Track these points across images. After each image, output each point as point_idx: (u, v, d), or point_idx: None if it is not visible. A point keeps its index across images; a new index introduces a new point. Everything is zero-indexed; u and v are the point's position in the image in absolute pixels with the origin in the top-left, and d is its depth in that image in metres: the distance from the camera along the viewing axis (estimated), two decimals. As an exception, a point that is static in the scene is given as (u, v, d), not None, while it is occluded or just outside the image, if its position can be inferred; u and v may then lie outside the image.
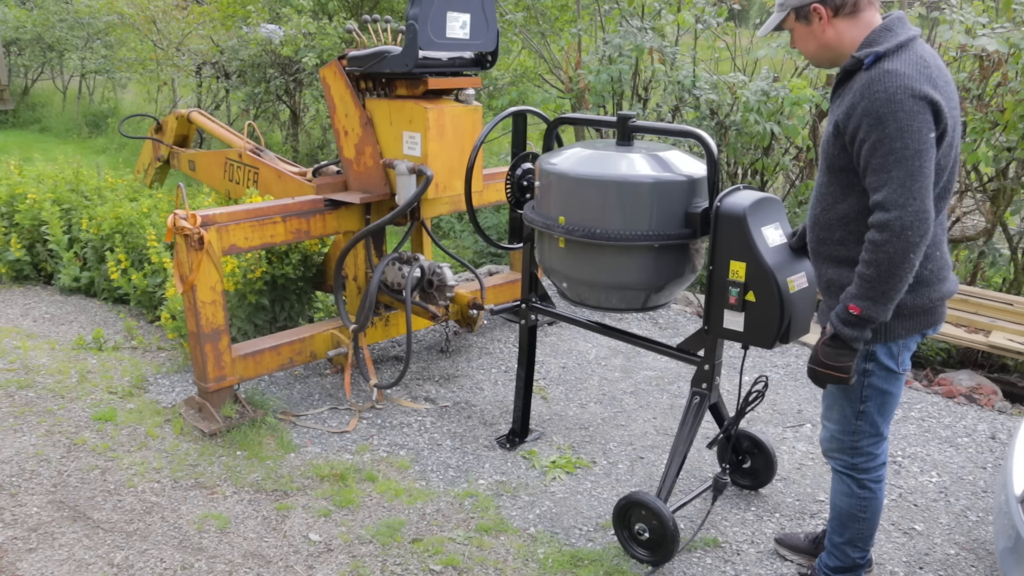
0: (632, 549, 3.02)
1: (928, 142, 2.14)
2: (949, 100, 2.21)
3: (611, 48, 6.30)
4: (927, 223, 2.16)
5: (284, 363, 4.07)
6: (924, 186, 2.15)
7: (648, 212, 2.89)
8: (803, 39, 2.43)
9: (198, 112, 5.87)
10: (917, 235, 2.16)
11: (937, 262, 2.39)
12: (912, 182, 2.14)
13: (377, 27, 4.45)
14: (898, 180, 2.14)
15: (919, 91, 2.14)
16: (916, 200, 2.14)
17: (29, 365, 4.40)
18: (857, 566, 2.72)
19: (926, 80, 2.16)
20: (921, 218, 2.15)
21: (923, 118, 2.13)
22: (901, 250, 2.17)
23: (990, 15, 5.42)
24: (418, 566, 2.96)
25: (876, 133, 2.16)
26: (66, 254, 5.47)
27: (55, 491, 3.34)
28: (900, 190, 2.15)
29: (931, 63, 2.22)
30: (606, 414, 4.12)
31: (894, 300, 2.25)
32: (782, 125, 5.72)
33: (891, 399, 2.51)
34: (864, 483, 2.60)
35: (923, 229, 2.16)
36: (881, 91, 2.16)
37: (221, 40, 10.51)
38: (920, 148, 2.13)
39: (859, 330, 2.29)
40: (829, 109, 2.46)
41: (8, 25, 12.66)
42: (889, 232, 2.17)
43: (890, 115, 2.14)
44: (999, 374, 5.12)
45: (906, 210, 2.15)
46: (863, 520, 2.63)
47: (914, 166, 2.13)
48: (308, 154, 9.82)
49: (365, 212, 4.26)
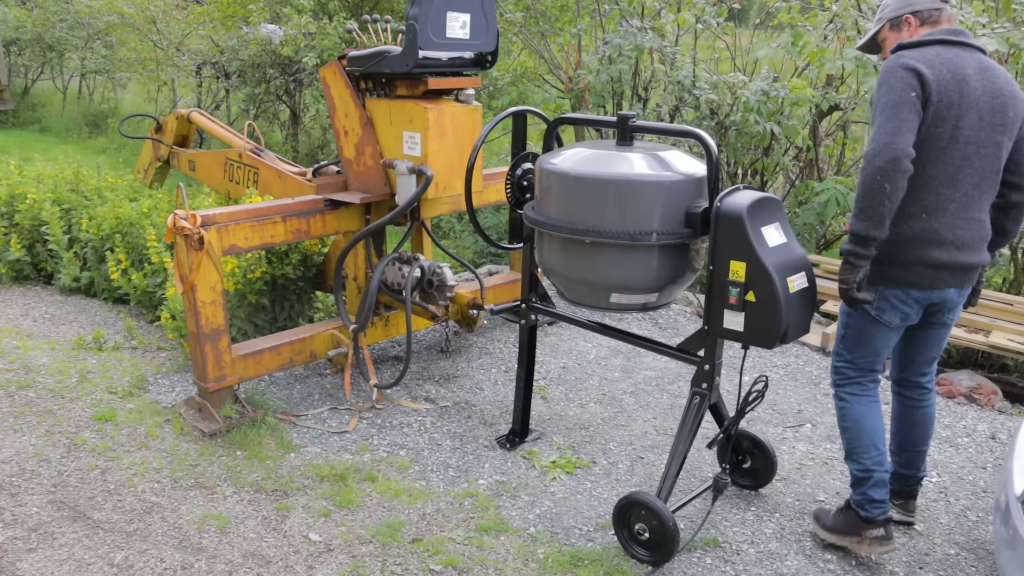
0: (632, 549, 3.02)
1: (906, 96, 2.58)
2: (943, 80, 2.61)
3: (611, 48, 6.30)
4: (890, 151, 2.54)
5: (284, 363, 4.07)
6: (895, 128, 2.56)
7: (648, 212, 2.89)
8: (894, 43, 2.83)
9: (198, 112, 5.87)
10: (881, 160, 2.55)
11: (923, 224, 2.71)
12: (887, 123, 2.57)
13: (377, 27, 4.45)
14: (878, 123, 2.60)
15: (908, 64, 2.61)
16: (885, 135, 2.56)
17: (29, 365, 4.40)
18: (858, 480, 2.97)
19: (922, 61, 2.62)
20: (887, 148, 2.54)
21: (906, 81, 2.60)
22: (870, 174, 2.57)
23: (990, 15, 5.42)
24: (418, 566, 2.96)
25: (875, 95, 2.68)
26: (66, 254, 5.47)
27: (55, 491, 3.34)
28: (877, 130, 2.59)
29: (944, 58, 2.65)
30: (606, 414, 4.12)
31: (872, 219, 2.60)
32: (782, 125, 5.72)
33: (867, 339, 2.90)
34: (839, 394, 3.03)
35: (886, 155, 2.54)
36: (884, 70, 2.67)
37: (221, 40, 10.52)
38: (898, 100, 2.58)
39: (852, 245, 2.67)
40: None
41: (8, 25, 12.66)
42: (866, 160, 2.60)
43: (883, 81, 2.64)
44: (999, 374, 5.12)
45: (877, 142, 2.57)
46: (847, 430, 2.99)
47: (890, 112, 2.58)
48: (308, 154, 9.82)
49: (365, 212, 4.26)
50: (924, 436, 3.11)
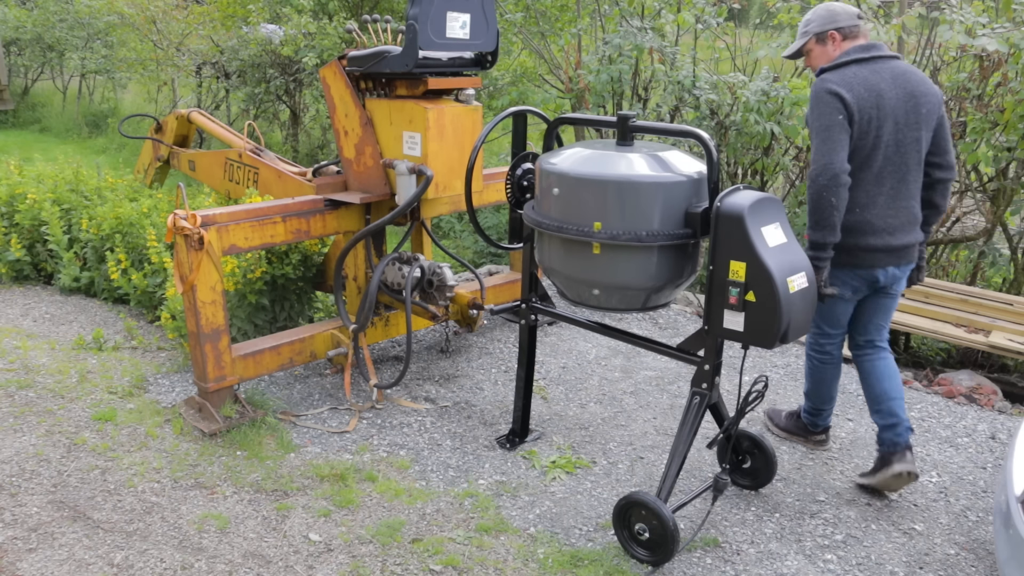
0: (632, 549, 3.02)
1: (835, 119, 3.03)
2: (862, 100, 3.05)
3: (611, 48, 6.30)
4: (830, 171, 3.02)
5: (284, 363, 4.07)
6: (831, 148, 3.03)
7: (648, 212, 2.89)
8: (818, 58, 3.27)
9: (198, 112, 5.87)
10: (824, 179, 3.03)
11: (858, 216, 3.18)
12: (823, 145, 3.04)
13: (377, 27, 4.45)
14: (816, 145, 3.07)
15: (832, 90, 3.06)
16: (823, 156, 3.04)
17: (29, 365, 4.40)
18: (812, 411, 3.76)
19: (843, 85, 3.06)
20: (827, 168, 3.02)
21: (833, 105, 3.04)
22: (817, 191, 3.05)
23: (990, 15, 5.42)
24: (418, 566, 2.96)
25: (808, 116, 3.15)
26: (66, 254, 5.47)
27: (55, 491, 3.34)
28: (816, 151, 3.06)
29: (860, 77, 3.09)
30: (606, 414, 4.12)
31: (825, 228, 3.08)
32: (782, 125, 5.72)
33: (826, 310, 3.42)
34: (809, 354, 3.65)
35: (827, 175, 3.02)
36: (812, 94, 3.12)
37: (221, 40, 10.51)
38: (828, 123, 3.04)
39: (813, 251, 3.13)
40: None
41: (8, 25, 12.66)
42: (810, 179, 3.08)
43: (814, 106, 3.09)
44: (999, 374, 5.12)
45: (818, 164, 3.05)
46: (812, 380, 3.66)
47: (824, 135, 3.04)
48: (308, 154, 9.81)
49: (365, 212, 4.26)
50: (894, 385, 3.42)
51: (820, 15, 3.25)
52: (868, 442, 3.90)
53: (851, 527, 3.26)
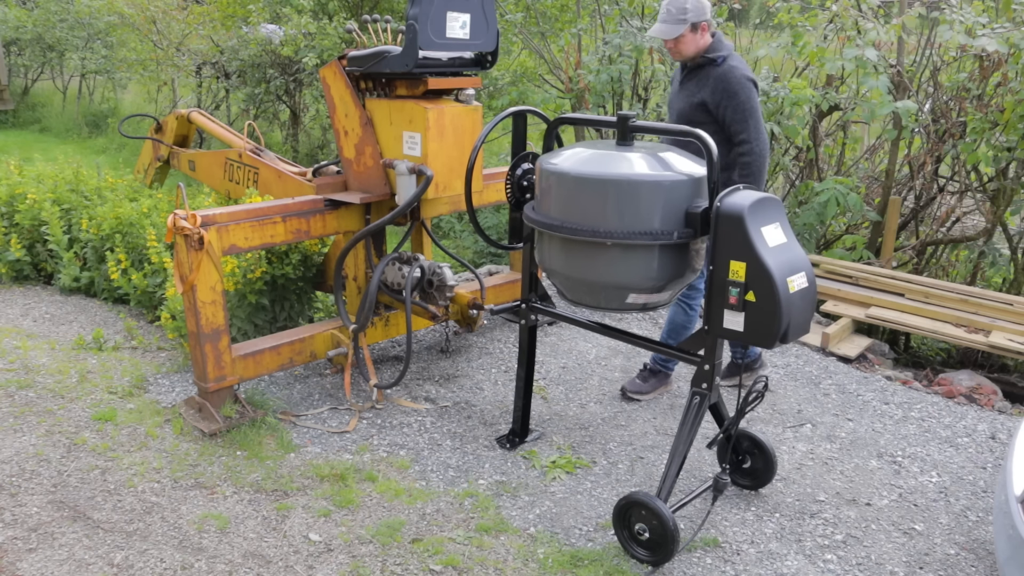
0: (632, 549, 3.02)
1: (758, 102, 3.67)
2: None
3: (611, 48, 6.30)
4: (767, 145, 3.69)
5: (284, 363, 4.07)
6: (762, 127, 3.68)
7: (648, 212, 2.89)
8: (688, 43, 3.68)
9: (198, 112, 5.87)
10: (766, 151, 3.68)
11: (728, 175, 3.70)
12: (759, 123, 3.65)
13: (377, 27, 4.44)
14: (754, 124, 3.62)
15: (749, 76, 3.66)
16: (762, 133, 3.66)
17: (29, 365, 4.40)
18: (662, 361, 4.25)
19: (750, 71, 3.70)
20: (766, 144, 3.68)
21: (753, 90, 3.67)
22: (763, 162, 3.67)
23: (990, 15, 5.43)
24: (418, 566, 2.96)
25: (732, 100, 3.62)
26: (66, 254, 5.47)
27: (55, 491, 3.34)
28: (757, 129, 3.63)
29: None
30: (606, 414, 4.12)
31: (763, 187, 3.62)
32: (782, 125, 5.72)
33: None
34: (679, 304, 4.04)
35: (767, 148, 3.68)
36: (733, 79, 3.61)
37: (221, 40, 10.51)
38: (756, 105, 3.65)
39: None
40: (683, 88, 3.80)
41: (8, 25, 12.65)
42: (759, 155, 3.63)
43: (740, 88, 3.60)
44: (999, 374, 5.13)
45: (762, 141, 3.65)
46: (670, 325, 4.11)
47: (756, 115, 3.65)
48: (308, 154, 9.81)
49: (365, 212, 4.25)
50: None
51: (695, 6, 3.61)
52: (868, 442, 3.90)
53: (851, 527, 3.26)
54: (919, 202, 6.04)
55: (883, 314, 5.08)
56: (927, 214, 6.12)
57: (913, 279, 5.31)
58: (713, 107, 3.68)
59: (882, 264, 5.65)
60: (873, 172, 6.48)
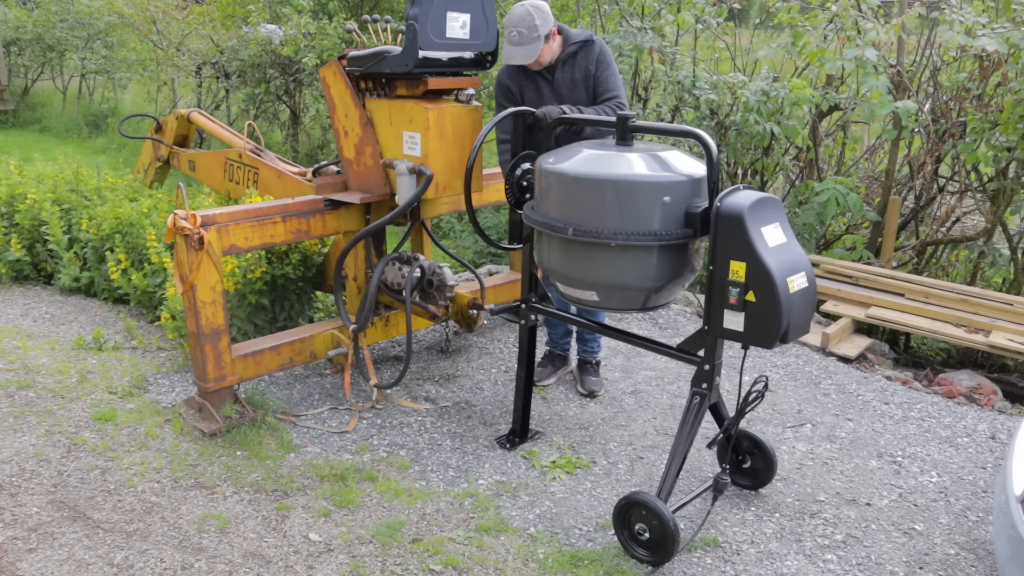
0: (632, 549, 3.02)
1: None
2: None
3: (611, 48, 6.29)
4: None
5: (284, 363, 4.07)
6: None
7: (648, 212, 2.89)
8: (546, 53, 3.77)
9: (198, 112, 5.87)
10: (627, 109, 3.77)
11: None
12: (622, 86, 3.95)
13: (377, 27, 4.45)
14: (620, 84, 3.91)
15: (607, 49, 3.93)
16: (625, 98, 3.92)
17: (29, 365, 4.40)
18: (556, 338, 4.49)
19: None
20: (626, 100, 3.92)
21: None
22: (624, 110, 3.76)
23: (990, 15, 5.43)
24: (418, 566, 2.96)
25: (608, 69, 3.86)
26: (66, 254, 5.47)
27: (55, 491, 3.34)
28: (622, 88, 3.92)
29: None
30: (606, 414, 4.12)
31: None
32: (782, 125, 5.72)
33: None
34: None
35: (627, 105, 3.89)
36: (603, 50, 3.85)
37: (221, 40, 10.51)
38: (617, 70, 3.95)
39: None
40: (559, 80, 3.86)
41: (8, 25, 12.65)
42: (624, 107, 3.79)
43: (610, 59, 3.88)
44: (999, 374, 5.13)
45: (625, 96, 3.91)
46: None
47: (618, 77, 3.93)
48: (308, 154, 9.81)
49: (365, 212, 4.25)
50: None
51: (542, 19, 3.68)
52: (868, 442, 3.90)
53: (851, 527, 3.26)
54: (919, 202, 6.04)
55: (883, 314, 5.08)
56: (927, 214, 6.12)
57: (913, 279, 5.31)
58: (593, 77, 3.88)
59: (882, 264, 5.65)
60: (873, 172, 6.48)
